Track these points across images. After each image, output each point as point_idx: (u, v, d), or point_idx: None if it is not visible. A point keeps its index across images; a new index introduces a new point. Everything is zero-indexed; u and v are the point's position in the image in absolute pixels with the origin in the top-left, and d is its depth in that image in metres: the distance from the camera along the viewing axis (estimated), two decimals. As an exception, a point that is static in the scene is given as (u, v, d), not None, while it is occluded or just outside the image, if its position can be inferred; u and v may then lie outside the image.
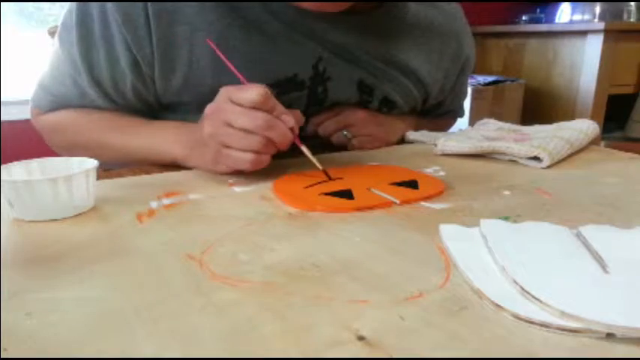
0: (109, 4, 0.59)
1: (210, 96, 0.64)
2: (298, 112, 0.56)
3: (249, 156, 0.51)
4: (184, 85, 0.63)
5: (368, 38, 0.69)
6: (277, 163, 0.59)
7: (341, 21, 0.66)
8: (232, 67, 0.56)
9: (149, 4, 0.59)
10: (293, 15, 0.64)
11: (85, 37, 0.61)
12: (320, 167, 0.55)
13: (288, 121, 0.52)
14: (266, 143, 0.51)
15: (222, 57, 0.56)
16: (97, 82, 0.63)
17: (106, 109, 0.66)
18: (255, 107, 0.50)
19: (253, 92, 0.50)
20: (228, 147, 0.52)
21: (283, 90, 0.66)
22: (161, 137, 0.62)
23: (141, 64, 0.62)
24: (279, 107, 0.52)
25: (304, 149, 0.55)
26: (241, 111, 0.50)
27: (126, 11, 0.59)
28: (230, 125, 0.51)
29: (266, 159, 0.53)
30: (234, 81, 0.56)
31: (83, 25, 0.60)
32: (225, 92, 0.52)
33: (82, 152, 0.66)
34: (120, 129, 0.65)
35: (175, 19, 0.60)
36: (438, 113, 0.87)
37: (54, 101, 0.67)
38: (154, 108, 0.68)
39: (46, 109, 0.68)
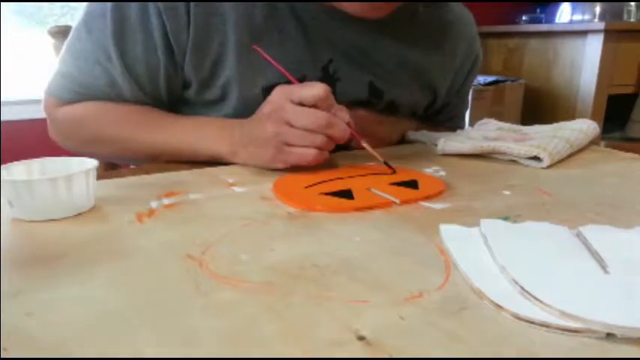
0: None
1: (232, 92, 0.64)
2: (345, 108, 0.57)
3: (312, 151, 0.53)
4: (210, 77, 0.64)
5: (382, 41, 0.69)
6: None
7: (356, 23, 0.66)
8: (284, 71, 0.57)
9: None
10: (314, 14, 0.64)
11: (120, 23, 0.61)
12: (381, 159, 0.57)
13: (344, 117, 0.54)
14: (328, 141, 0.53)
15: (272, 61, 0.58)
16: (129, 70, 0.63)
17: (131, 103, 0.66)
18: (315, 105, 0.52)
19: (316, 90, 0.52)
20: (292, 145, 0.54)
21: None
22: (205, 134, 0.62)
23: (175, 52, 0.62)
24: (335, 104, 0.54)
25: (365, 144, 0.57)
26: (302, 111, 0.52)
27: None
28: (291, 125, 0.53)
29: (327, 154, 0.55)
30: (255, 77, 0.56)
31: (119, 11, 0.61)
32: (282, 91, 0.54)
33: (106, 146, 0.66)
34: (152, 124, 0.65)
35: (212, 9, 0.61)
36: (440, 120, 0.86)
37: (78, 92, 0.66)
38: (174, 102, 0.68)
39: (66, 100, 0.67)
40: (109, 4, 0.61)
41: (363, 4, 0.62)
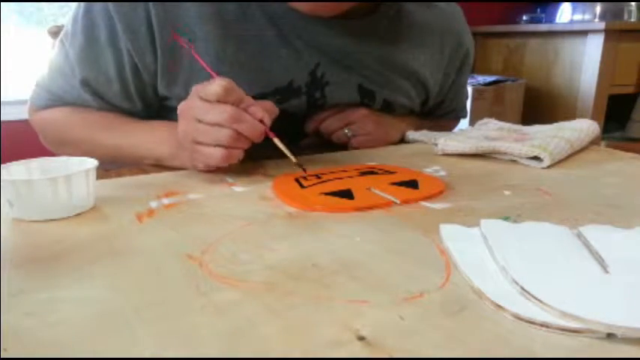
0: (113, 12, 0.60)
1: None
2: (270, 103, 0.55)
3: (219, 151, 0.51)
4: (186, 92, 0.64)
5: (366, 42, 0.69)
6: (277, 163, 0.60)
7: (339, 26, 0.66)
8: (202, 63, 0.56)
9: (152, 13, 0.60)
10: (292, 21, 0.64)
11: (90, 43, 0.62)
12: (294, 159, 0.55)
13: (256, 112, 0.52)
14: (235, 136, 0.51)
15: (195, 55, 0.57)
16: (99, 87, 0.64)
17: (100, 109, 0.67)
18: (220, 100, 0.50)
19: (215, 86, 0.50)
20: (199, 143, 0.52)
21: (282, 97, 0.67)
22: (149, 136, 0.63)
23: (141, 71, 0.63)
24: (248, 99, 0.52)
25: (276, 141, 0.55)
26: (208, 105, 0.51)
27: (127, 20, 0.60)
28: (200, 121, 0.51)
29: (237, 153, 0.53)
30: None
31: (89, 31, 0.62)
32: (194, 89, 0.53)
33: (71, 148, 0.67)
34: (110, 127, 0.66)
35: (177, 29, 0.61)
36: (439, 114, 0.87)
37: (50, 99, 0.68)
38: (153, 112, 0.69)
39: (41, 106, 0.69)
40: (80, 23, 0.62)
41: (311, 3, 0.62)
